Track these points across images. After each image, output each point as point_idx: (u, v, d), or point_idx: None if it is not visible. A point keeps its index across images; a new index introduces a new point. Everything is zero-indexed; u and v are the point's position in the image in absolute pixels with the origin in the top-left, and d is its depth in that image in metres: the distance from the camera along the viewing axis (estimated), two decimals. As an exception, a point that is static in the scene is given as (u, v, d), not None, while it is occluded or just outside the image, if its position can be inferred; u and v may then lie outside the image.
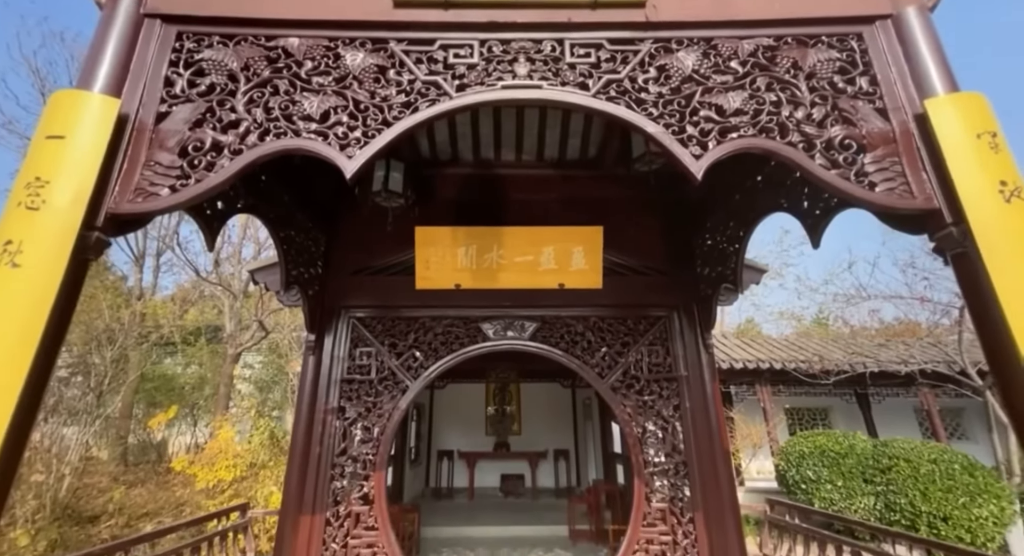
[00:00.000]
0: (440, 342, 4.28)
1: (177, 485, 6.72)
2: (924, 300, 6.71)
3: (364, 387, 4.09)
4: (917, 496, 5.23)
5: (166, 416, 6.78)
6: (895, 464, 5.53)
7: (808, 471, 6.06)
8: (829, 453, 6.03)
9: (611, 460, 7.60)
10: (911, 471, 5.36)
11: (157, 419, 6.80)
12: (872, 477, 5.65)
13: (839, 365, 7.56)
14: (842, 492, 5.74)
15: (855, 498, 5.67)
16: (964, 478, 5.17)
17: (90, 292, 9.00)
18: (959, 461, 5.37)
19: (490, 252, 4.31)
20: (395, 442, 7.83)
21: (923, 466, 5.34)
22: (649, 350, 4.21)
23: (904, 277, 8.02)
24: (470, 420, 10.96)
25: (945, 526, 5.00)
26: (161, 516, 5.79)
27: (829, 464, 5.94)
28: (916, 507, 5.21)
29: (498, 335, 4.31)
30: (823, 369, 7.54)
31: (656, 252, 4.45)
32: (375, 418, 4.00)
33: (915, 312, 11.26)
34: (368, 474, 3.84)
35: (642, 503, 3.78)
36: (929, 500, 5.16)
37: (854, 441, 6.12)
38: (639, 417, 4.02)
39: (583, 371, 4.18)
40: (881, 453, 5.78)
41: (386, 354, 4.19)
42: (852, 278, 11.75)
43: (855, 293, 7.47)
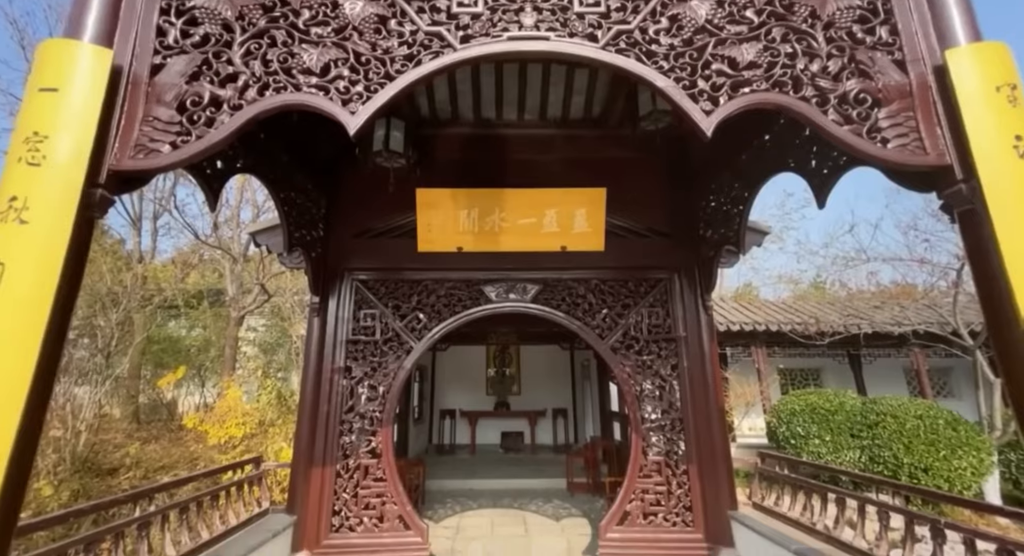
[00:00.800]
0: (443, 304, 4.33)
1: (190, 441, 6.98)
2: (924, 262, 6.73)
3: (369, 348, 4.17)
4: (901, 449, 5.47)
5: (175, 376, 6.93)
6: (882, 420, 5.74)
7: (798, 427, 6.29)
8: (820, 410, 6.24)
9: (608, 418, 7.87)
10: (897, 426, 5.58)
11: (166, 379, 6.97)
12: (859, 432, 5.89)
13: (834, 327, 7.69)
14: (829, 446, 5.99)
15: (842, 452, 5.93)
16: (947, 432, 5.39)
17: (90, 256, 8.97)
18: (944, 416, 5.58)
19: (492, 215, 4.29)
20: (400, 401, 8.07)
21: (909, 421, 5.56)
22: (649, 312, 4.27)
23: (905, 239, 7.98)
24: (471, 381, 11.23)
25: (925, 476, 5.26)
26: (177, 469, 6.05)
27: (819, 421, 6.17)
28: (899, 459, 5.46)
29: (500, 298, 4.35)
30: (819, 331, 7.68)
31: (659, 214, 4.43)
32: (381, 377, 4.10)
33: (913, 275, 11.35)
34: (375, 430, 3.98)
35: (639, 456, 3.95)
36: (912, 453, 5.40)
37: (844, 399, 6.32)
38: (638, 376, 4.13)
39: (584, 333, 4.26)
40: (869, 410, 5.99)
41: (390, 316, 4.25)
42: (853, 241, 11.71)
43: (855, 256, 7.49)
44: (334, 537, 3.73)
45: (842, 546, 2.83)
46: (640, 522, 3.82)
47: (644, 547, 3.73)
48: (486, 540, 5.03)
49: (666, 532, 3.79)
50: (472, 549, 4.80)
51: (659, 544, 3.74)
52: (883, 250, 11.54)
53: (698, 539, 3.75)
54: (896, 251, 7.64)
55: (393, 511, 3.83)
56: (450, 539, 5.06)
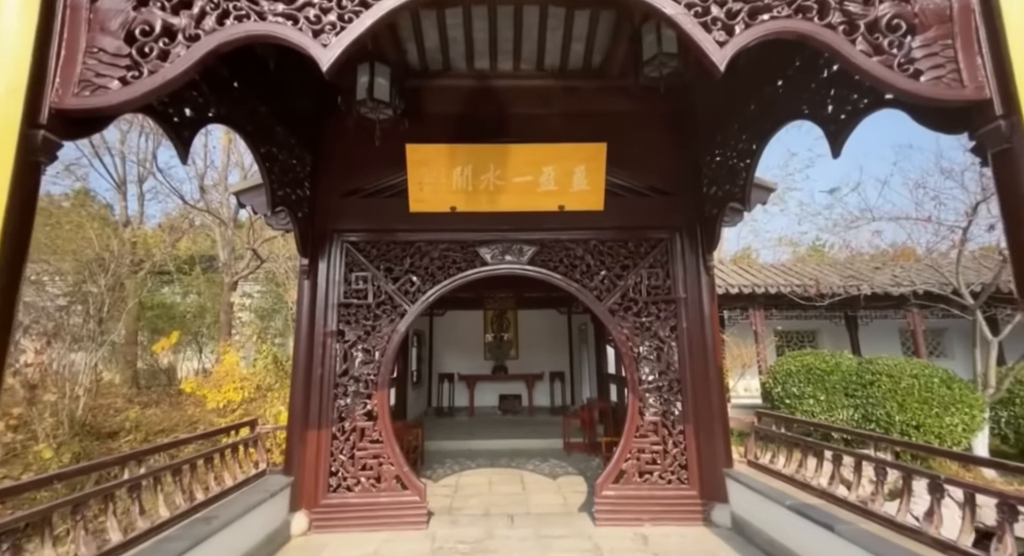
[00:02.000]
0: (437, 267, 4.20)
1: (189, 405, 7.03)
2: (930, 220, 6.58)
3: (362, 311, 4.08)
4: (894, 407, 5.53)
5: (168, 341, 6.88)
6: (877, 379, 5.77)
7: (793, 387, 6.34)
8: (815, 370, 6.27)
9: (604, 380, 7.95)
10: (892, 385, 5.61)
11: (160, 344, 6.93)
12: (854, 391, 5.93)
13: (833, 288, 7.64)
14: (823, 405, 6.05)
15: (836, 410, 5.99)
16: (941, 390, 5.43)
17: (77, 221, 8.76)
18: (939, 375, 5.61)
19: (487, 172, 4.09)
20: (397, 365, 8.10)
21: (904, 380, 5.59)
22: (649, 273, 4.16)
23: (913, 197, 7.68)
24: (469, 346, 11.29)
25: (917, 433, 5.34)
26: (177, 432, 6.11)
27: (814, 381, 6.21)
28: (892, 417, 5.52)
29: (496, 259, 4.23)
30: (818, 292, 7.62)
31: (661, 171, 4.24)
32: (375, 341, 4.03)
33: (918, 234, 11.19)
34: (371, 393, 3.95)
35: (636, 417, 3.95)
36: (905, 410, 5.46)
37: (840, 359, 6.34)
38: (636, 338, 4.07)
39: (581, 294, 4.17)
40: (865, 369, 6.01)
41: (382, 279, 4.13)
42: (860, 199, 11.49)
43: (860, 215, 7.32)
44: (332, 497, 3.77)
45: (837, 501, 2.85)
46: (636, 480, 3.86)
47: (639, 504, 3.79)
48: (484, 497, 5.13)
49: (661, 489, 3.84)
50: (471, 506, 4.90)
51: (654, 501, 3.80)
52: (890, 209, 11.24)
53: (692, 495, 3.80)
54: (904, 210, 7.42)
55: (390, 472, 3.85)
56: (448, 497, 5.16)
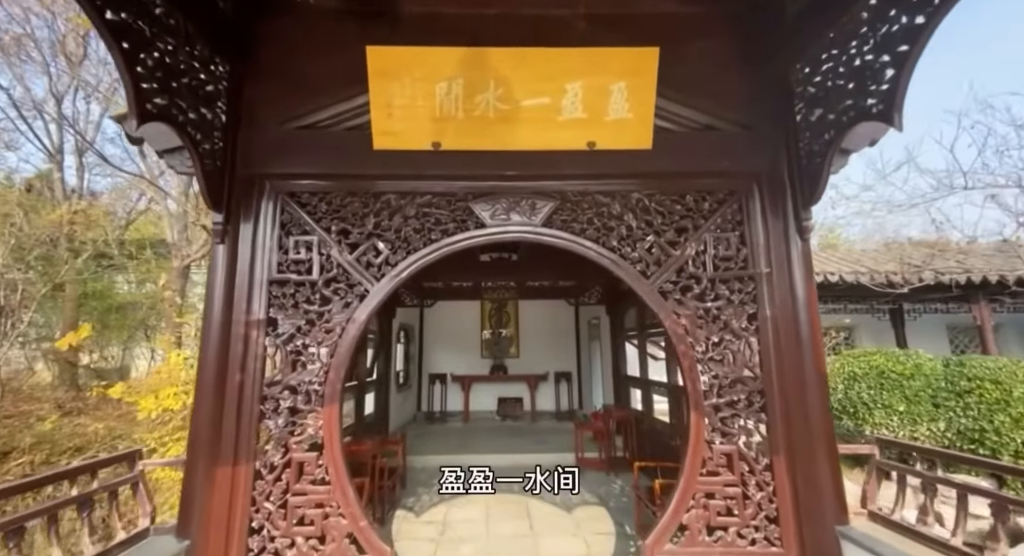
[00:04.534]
0: (413, 229, 2.95)
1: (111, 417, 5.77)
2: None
3: (304, 291, 2.83)
4: (1006, 423, 4.33)
5: (76, 336, 5.61)
6: (978, 386, 4.57)
7: (862, 394, 5.14)
8: (889, 374, 5.07)
9: (624, 383, 6.74)
10: (1001, 394, 4.41)
11: (66, 339, 5.65)
12: (945, 401, 4.74)
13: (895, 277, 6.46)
14: (903, 417, 4.84)
15: (919, 424, 4.79)
16: (1081, 403, 4.24)
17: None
18: (1073, 383, 4.42)
19: (484, 91, 2.83)
20: (377, 365, 6.87)
21: (1017, 388, 4.39)
22: (716, 238, 2.93)
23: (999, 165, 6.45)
24: (464, 342, 10.06)
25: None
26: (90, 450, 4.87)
27: (890, 387, 5.01)
28: (1002, 435, 4.32)
29: (498, 219, 2.98)
30: (906, 280, 6.42)
31: (732, 95, 2.99)
32: (322, 334, 2.78)
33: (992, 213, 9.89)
34: (314, 410, 2.70)
35: (700, 444, 2.72)
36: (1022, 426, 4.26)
37: (920, 360, 5.13)
38: (699, 331, 2.83)
39: (620, 269, 2.93)
40: (957, 374, 4.80)
41: (334, 245, 2.88)
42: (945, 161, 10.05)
43: (941, 184, 6.07)
44: (253, 567, 2.53)
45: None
46: (703, 540, 2.63)
47: (707, 573, 2.57)
48: (480, 542, 3.92)
49: (740, 553, 2.61)
50: None
51: (729, 569, 2.58)
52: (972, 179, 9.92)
53: (786, 562, 2.58)
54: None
55: (341, 527, 2.60)
56: (433, 541, 3.94)
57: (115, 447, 4.86)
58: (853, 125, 2.40)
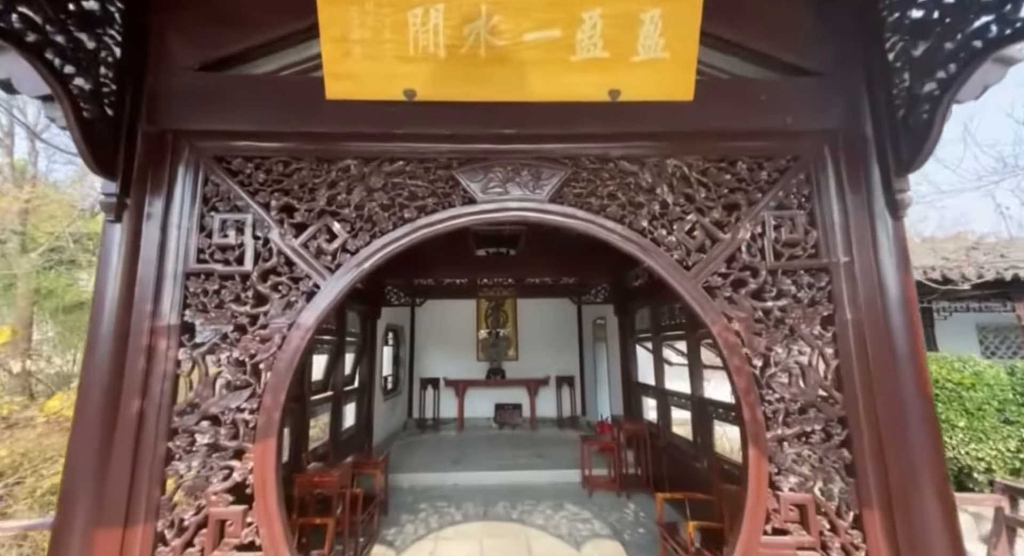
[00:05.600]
0: (380, 205, 2.25)
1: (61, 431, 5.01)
2: None
3: (232, 287, 2.12)
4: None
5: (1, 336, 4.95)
6: (1063, 398, 3.90)
7: (913, 407, 4.45)
8: (944, 384, 4.39)
9: (634, 392, 6.06)
10: (1091, 408, 3.75)
11: None
12: (1018, 416, 4.07)
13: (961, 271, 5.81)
14: (965, 434, 4.17)
15: (984, 442, 4.12)
16: None
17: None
18: None
19: (473, 21, 2.12)
20: (360, 371, 6.17)
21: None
22: (777, 218, 2.23)
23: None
24: (458, 344, 9.36)
25: None
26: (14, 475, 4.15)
27: (946, 398, 4.33)
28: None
29: (491, 192, 2.28)
30: (943, 277, 5.76)
31: (799, 29, 2.30)
32: (255, 345, 2.07)
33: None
34: (243, 447, 2.00)
35: (762, 492, 2.03)
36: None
37: (979, 368, 4.46)
38: (756, 338, 2.14)
39: (650, 257, 2.24)
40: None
41: (274, 226, 2.17)
42: None
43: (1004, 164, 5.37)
44: None
45: None
46: (770, 624, 1.94)
47: None
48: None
49: (821, 642, 1.93)
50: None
51: None
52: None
53: (881, 654, 1.90)
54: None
55: (276, 611, 1.90)
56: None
57: (23, 478, 4.12)
58: (993, 51, 1.70)
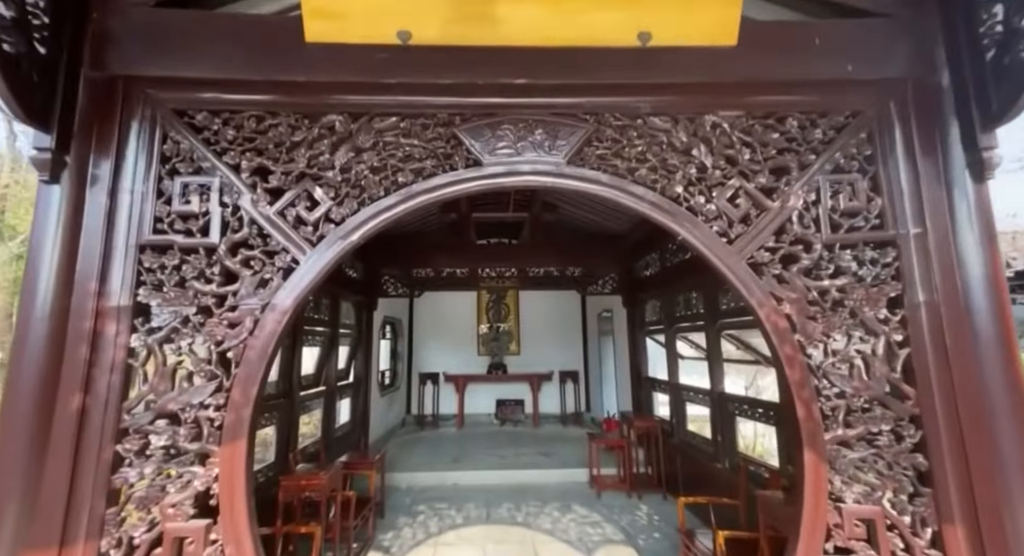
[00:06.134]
0: (369, 168, 1.93)
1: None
2: None
3: (196, 262, 1.80)
4: None
5: None
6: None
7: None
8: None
9: (644, 387, 5.76)
10: None
11: None
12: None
13: None
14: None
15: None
16: None
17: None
18: None
19: (479, -52, 1.79)
20: (355, 365, 5.87)
21: None
22: (834, 183, 1.91)
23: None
24: (458, 338, 9.05)
25: None
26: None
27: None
28: None
29: (500, 154, 1.96)
30: None
31: (860, -38, 1.97)
32: (222, 330, 1.76)
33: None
34: (207, 450, 1.68)
35: (821, 503, 1.71)
36: None
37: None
38: (810, 323, 1.82)
39: (684, 227, 1.92)
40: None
41: (245, 191, 1.85)
42: None
43: None
44: None
45: None
46: None
47: None
48: (475, 608, 2.93)
49: None
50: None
51: None
52: None
53: None
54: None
55: (244, 647, 1.59)
56: (412, 606, 2.96)
57: None
58: None
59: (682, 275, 4.58)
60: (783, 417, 3.13)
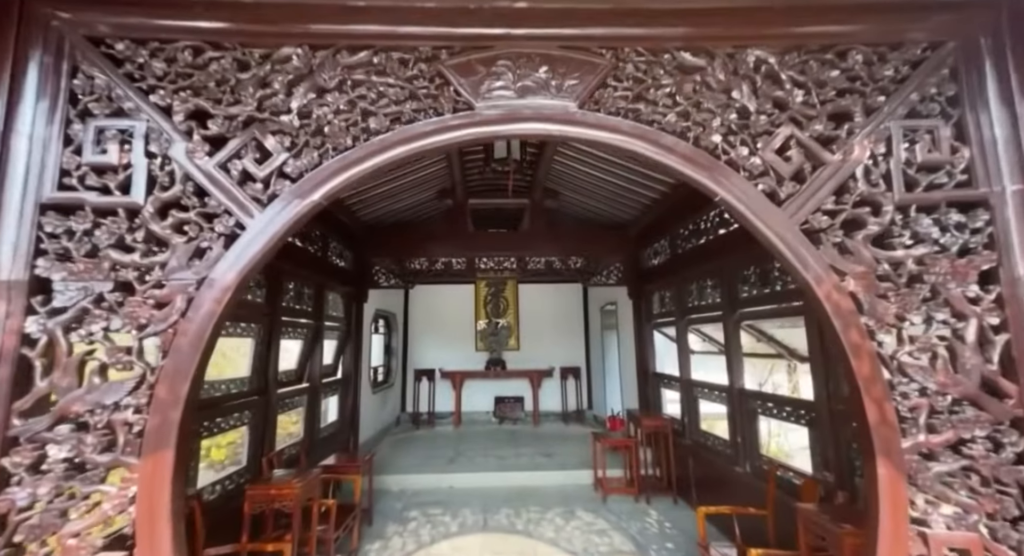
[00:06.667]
0: (334, 111, 1.56)
1: None
2: None
3: (112, 226, 1.44)
4: None
5: None
6: None
7: None
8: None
9: (652, 383, 5.41)
10: None
11: None
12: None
13: None
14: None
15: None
16: None
17: None
18: None
19: None
20: (343, 361, 5.50)
21: None
22: (908, 131, 1.55)
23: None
24: (455, 332, 8.70)
25: None
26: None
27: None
28: None
29: (497, 96, 1.59)
30: None
31: None
32: (146, 310, 1.40)
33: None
34: (122, 463, 1.32)
35: (901, 528, 1.36)
36: None
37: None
38: (881, 303, 1.47)
39: (723, 185, 1.56)
40: None
41: (178, 138, 1.48)
42: None
43: None
44: None
45: None
46: None
47: None
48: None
49: None
50: None
51: None
52: None
53: None
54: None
55: None
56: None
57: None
58: None
59: (697, 262, 4.23)
60: (817, 417, 2.77)
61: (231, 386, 3.24)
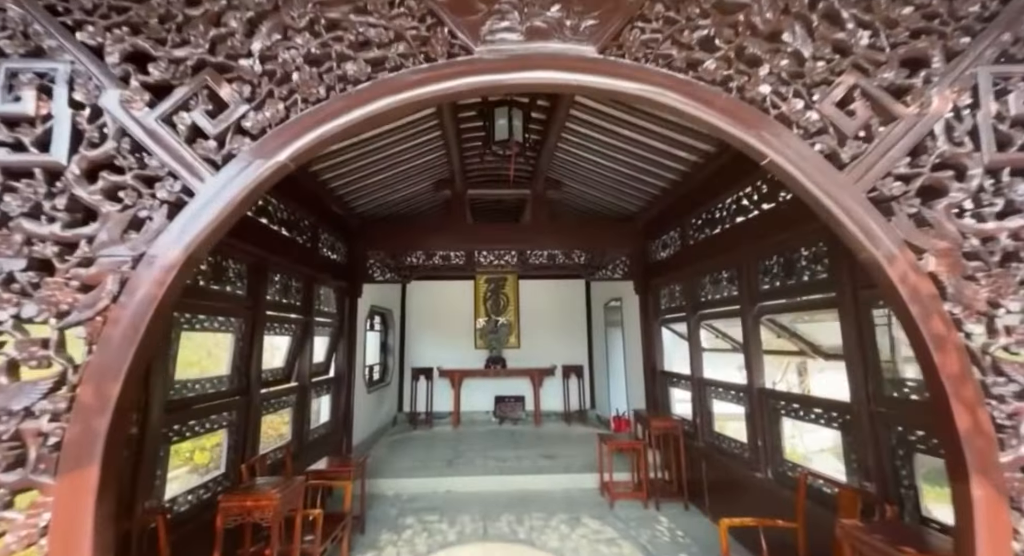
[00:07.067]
0: (304, 57, 1.29)
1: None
2: None
3: (28, 191, 1.16)
4: None
5: None
6: None
7: None
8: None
9: (660, 383, 5.14)
10: None
11: None
12: None
13: None
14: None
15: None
16: None
17: None
18: None
19: None
20: (336, 359, 5.24)
21: None
22: (1000, 77, 1.28)
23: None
24: (454, 330, 8.44)
25: None
26: None
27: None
28: None
29: (498, 38, 1.32)
30: None
31: None
32: (68, 293, 1.12)
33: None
34: (33, 483, 1.05)
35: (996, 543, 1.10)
36: None
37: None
38: (969, 286, 1.20)
39: (772, 146, 1.29)
40: None
41: (111, 85, 1.21)
42: None
43: None
44: None
45: None
46: None
47: None
48: None
49: None
50: None
51: None
52: None
53: None
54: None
55: None
56: None
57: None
58: None
59: (710, 253, 3.96)
60: (853, 420, 2.51)
61: (207, 385, 2.97)
